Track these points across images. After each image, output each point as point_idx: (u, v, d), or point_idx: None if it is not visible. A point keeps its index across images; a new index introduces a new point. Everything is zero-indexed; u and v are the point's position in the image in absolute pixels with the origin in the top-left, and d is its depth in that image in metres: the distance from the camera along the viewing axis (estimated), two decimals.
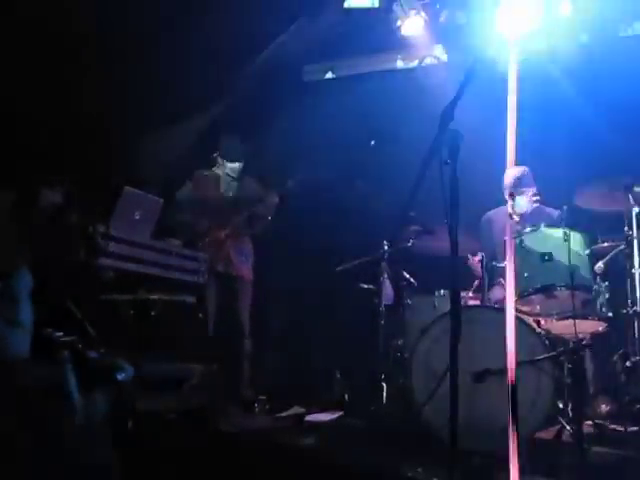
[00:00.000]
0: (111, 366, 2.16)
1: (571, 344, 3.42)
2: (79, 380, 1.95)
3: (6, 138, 3.68)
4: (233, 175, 4.67)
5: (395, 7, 4.98)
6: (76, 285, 2.98)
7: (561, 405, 3.35)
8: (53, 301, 2.87)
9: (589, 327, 3.51)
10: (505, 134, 4.77)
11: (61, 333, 2.32)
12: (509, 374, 2.98)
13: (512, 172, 3.90)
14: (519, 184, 4.01)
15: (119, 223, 3.50)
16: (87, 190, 3.76)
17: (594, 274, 3.50)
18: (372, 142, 4.34)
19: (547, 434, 3.32)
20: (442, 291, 4.11)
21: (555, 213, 4.01)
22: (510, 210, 4.26)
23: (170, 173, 5.17)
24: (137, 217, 3.64)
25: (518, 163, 4.30)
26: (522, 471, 2.74)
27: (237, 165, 4.68)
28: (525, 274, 3.40)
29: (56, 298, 2.92)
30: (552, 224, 3.60)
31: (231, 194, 4.65)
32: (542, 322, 3.61)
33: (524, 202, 4.07)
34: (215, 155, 4.67)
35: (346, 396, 4.21)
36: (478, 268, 4.04)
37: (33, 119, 3.43)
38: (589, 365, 3.86)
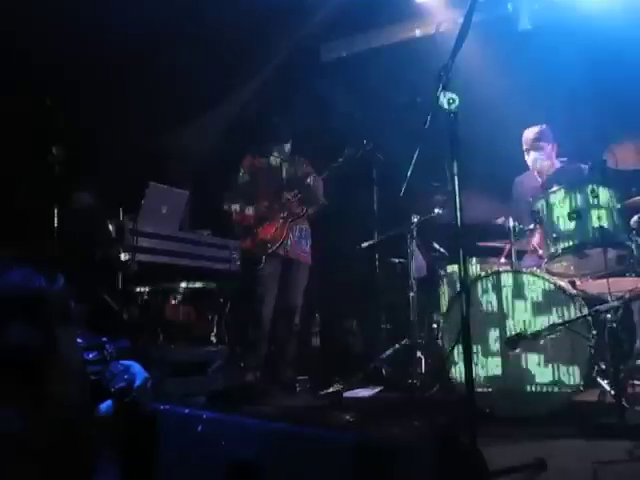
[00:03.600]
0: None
1: (609, 303, 3.31)
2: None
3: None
4: (285, 156, 4.67)
5: None
6: (106, 279, 3.10)
7: (603, 366, 3.26)
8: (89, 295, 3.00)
9: (627, 284, 3.38)
10: (529, 95, 4.63)
11: None
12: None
13: (530, 129, 4.16)
14: (537, 140, 4.13)
15: (147, 218, 3.61)
16: (115, 188, 3.89)
17: (629, 229, 3.36)
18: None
19: (589, 396, 3.26)
20: (474, 259, 4.04)
21: (585, 169, 3.88)
22: (530, 165, 4.22)
23: (202, 164, 5.25)
24: (164, 211, 3.75)
25: (544, 121, 4.22)
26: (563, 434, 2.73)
27: (288, 145, 4.67)
28: (554, 235, 3.32)
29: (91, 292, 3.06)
30: (581, 181, 3.48)
31: (284, 175, 4.66)
32: (578, 283, 3.52)
33: (536, 158, 4.16)
34: (266, 139, 4.63)
35: (384, 371, 4.22)
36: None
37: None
38: (633, 323, 3.73)
